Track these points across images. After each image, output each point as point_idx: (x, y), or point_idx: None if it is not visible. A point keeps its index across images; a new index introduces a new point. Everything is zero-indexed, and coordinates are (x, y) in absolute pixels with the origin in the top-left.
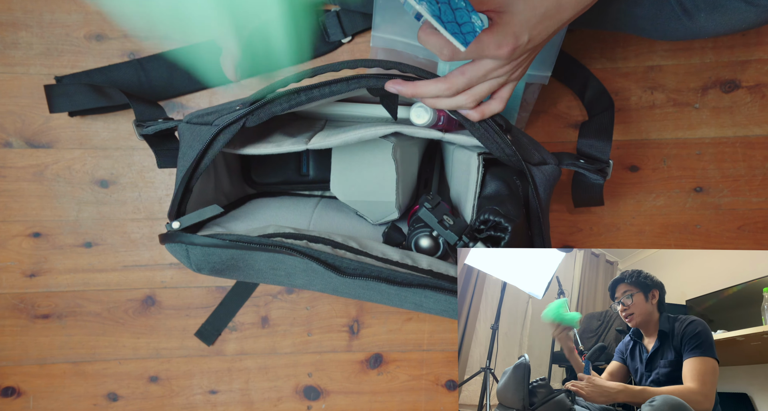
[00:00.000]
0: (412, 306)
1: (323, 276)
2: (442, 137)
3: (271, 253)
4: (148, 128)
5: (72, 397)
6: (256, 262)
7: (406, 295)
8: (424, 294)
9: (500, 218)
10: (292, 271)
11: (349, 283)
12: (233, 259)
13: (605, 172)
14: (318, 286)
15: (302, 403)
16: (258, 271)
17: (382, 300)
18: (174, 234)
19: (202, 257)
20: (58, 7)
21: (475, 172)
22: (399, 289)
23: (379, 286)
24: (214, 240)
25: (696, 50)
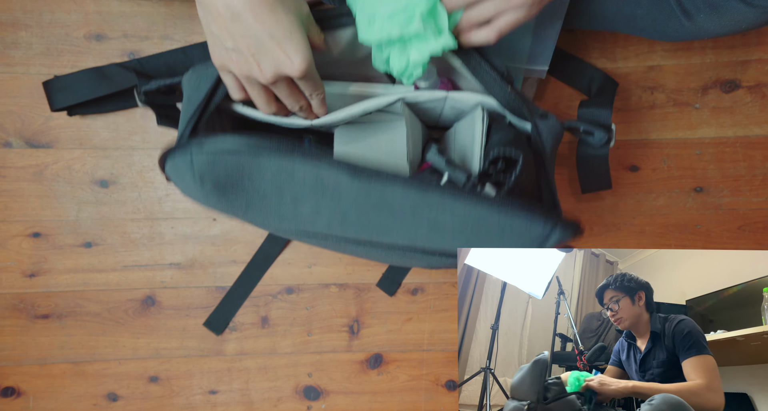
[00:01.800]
0: (426, 229)
1: (333, 194)
2: (446, 96)
3: (281, 159)
4: (150, 84)
5: (72, 397)
6: (263, 178)
7: (421, 211)
8: (442, 204)
9: (510, 150)
10: (300, 191)
11: (361, 202)
12: (239, 171)
13: (608, 134)
14: (325, 215)
15: (302, 403)
16: (262, 196)
17: (394, 225)
18: (181, 143)
19: (208, 165)
20: (58, 7)
21: (479, 122)
22: (417, 196)
23: (393, 197)
24: (225, 141)
25: (696, 50)
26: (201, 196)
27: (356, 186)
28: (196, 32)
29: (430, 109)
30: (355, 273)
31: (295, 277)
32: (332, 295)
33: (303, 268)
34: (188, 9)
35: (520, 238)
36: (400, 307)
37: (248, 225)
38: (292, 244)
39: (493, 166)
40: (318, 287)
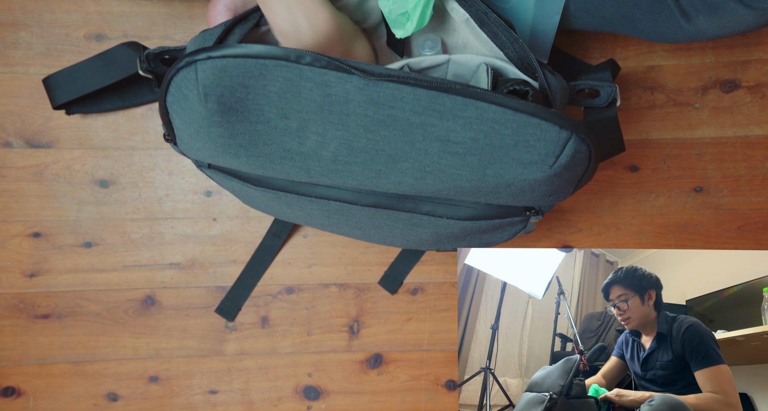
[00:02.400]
0: (438, 148)
1: (340, 112)
2: (448, 59)
3: (289, 69)
4: (154, 49)
5: (72, 397)
6: (268, 98)
7: (433, 122)
8: (454, 107)
9: (519, 85)
10: (306, 115)
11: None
12: (245, 87)
13: (613, 89)
14: (332, 143)
15: (302, 403)
16: (267, 122)
17: (404, 147)
18: (186, 54)
19: (213, 76)
20: (58, 7)
21: (484, 78)
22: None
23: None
24: (232, 47)
25: (696, 50)
26: (204, 123)
27: (365, 95)
28: (196, 32)
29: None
30: (355, 273)
31: (295, 277)
32: (332, 295)
33: (303, 268)
34: (188, 9)
35: (535, 146)
36: (400, 307)
37: (248, 225)
38: (292, 245)
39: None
40: (318, 287)
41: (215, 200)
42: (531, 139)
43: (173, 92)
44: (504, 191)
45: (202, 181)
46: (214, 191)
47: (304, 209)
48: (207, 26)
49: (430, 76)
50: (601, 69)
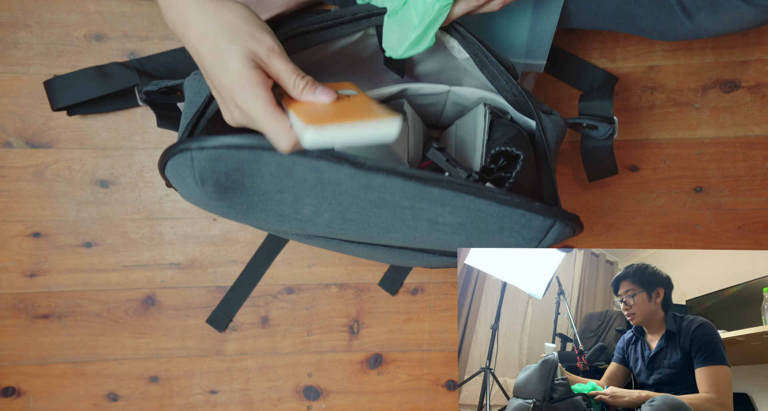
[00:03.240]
0: (427, 226)
1: (333, 191)
2: (448, 90)
3: (281, 158)
4: (153, 86)
5: (72, 397)
6: (263, 177)
7: (422, 206)
8: (442, 197)
9: (511, 147)
10: (300, 190)
11: (361, 198)
12: (240, 170)
13: (612, 127)
14: (326, 214)
15: (302, 403)
16: (263, 195)
17: (394, 222)
18: (180, 141)
19: (208, 164)
20: (58, 7)
21: (482, 119)
22: (416, 189)
23: (393, 191)
24: (225, 138)
25: (696, 50)
26: (202, 199)
27: (356, 181)
28: None
29: (432, 104)
30: (355, 273)
31: (295, 277)
32: (332, 295)
33: (303, 268)
34: None
35: (519, 232)
36: (400, 307)
37: (248, 225)
38: (292, 245)
39: (495, 163)
40: (318, 287)
41: None
42: (516, 226)
43: (171, 171)
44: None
45: None
46: None
47: (301, 238)
48: None
49: (419, 171)
50: (603, 96)
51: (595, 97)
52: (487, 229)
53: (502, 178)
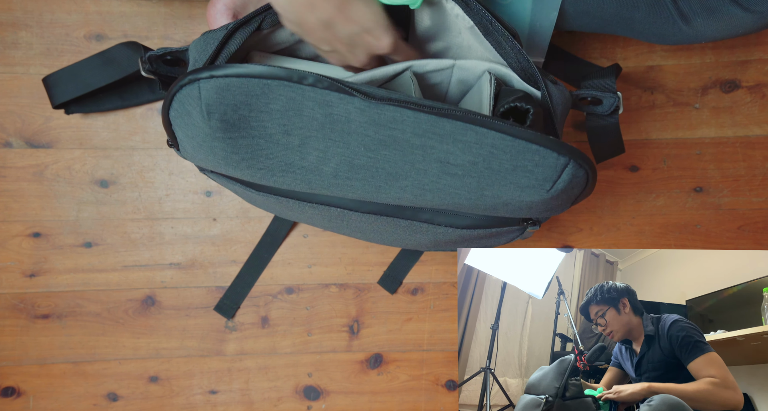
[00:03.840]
0: (437, 169)
1: (342, 131)
2: (453, 64)
3: (292, 88)
4: (156, 51)
5: (72, 397)
6: (271, 115)
7: (433, 144)
8: (454, 131)
9: (521, 102)
10: (308, 132)
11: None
12: (248, 105)
13: (616, 99)
14: (333, 159)
15: (302, 403)
16: (269, 138)
17: (404, 166)
18: (189, 71)
19: (216, 94)
20: (58, 7)
21: (487, 86)
22: (428, 123)
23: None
24: (236, 66)
25: (696, 50)
26: (206, 139)
27: (366, 116)
28: (196, 32)
29: (437, 84)
30: (355, 273)
31: (295, 277)
32: (332, 295)
33: (303, 268)
34: (188, 9)
35: (533, 171)
36: (400, 307)
37: (248, 225)
38: (292, 244)
39: (504, 119)
40: (318, 287)
41: (215, 200)
42: (529, 164)
43: (176, 107)
44: (502, 209)
45: (202, 181)
46: (214, 191)
47: (306, 213)
48: (207, 26)
49: (431, 101)
50: (605, 74)
51: (597, 75)
52: (500, 168)
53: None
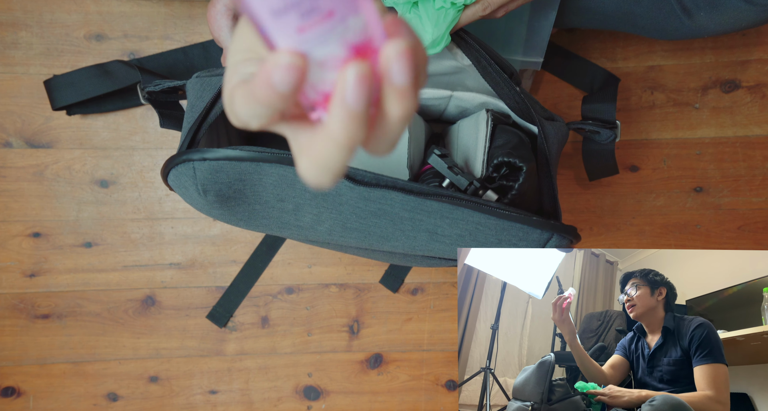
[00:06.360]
0: (426, 237)
1: (334, 202)
2: (450, 95)
3: (283, 168)
4: (155, 86)
5: (72, 397)
6: (264, 187)
7: (421, 218)
8: (441, 210)
9: (514, 159)
10: (301, 200)
11: (361, 209)
12: (241, 181)
13: (614, 132)
14: (326, 222)
15: (302, 403)
16: (264, 203)
17: (394, 232)
18: (182, 152)
19: (210, 175)
20: (58, 7)
21: (484, 126)
22: (416, 203)
23: (393, 203)
24: (227, 150)
25: (696, 50)
26: (204, 207)
27: (356, 193)
28: (196, 32)
29: (434, 105)
30: (355, 273)
31: (295, 277)
32: (332, 295)
33: (303, 268)
34: (188, 9)
35: (517, 245)
36: (400, 307)
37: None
38: (292, 244)
39: (497, 171)
40: (318, 287)
41: None
42: (513, 239)
43: (173, 180)
44: None
45: None
46: None
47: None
48: (207, 26)
49: (418, 185)
50: (606, 98)
51: (598, 99)
52: (485, 241)
53: (504, 186)
